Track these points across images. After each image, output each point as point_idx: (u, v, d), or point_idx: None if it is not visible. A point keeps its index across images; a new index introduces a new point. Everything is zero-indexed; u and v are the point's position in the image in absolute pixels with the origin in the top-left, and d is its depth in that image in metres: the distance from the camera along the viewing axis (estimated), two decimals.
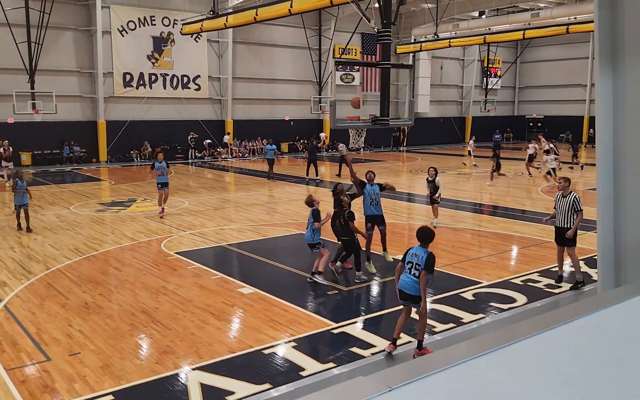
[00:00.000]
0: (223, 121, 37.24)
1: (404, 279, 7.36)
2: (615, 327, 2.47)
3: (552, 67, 50.16)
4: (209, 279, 10.83)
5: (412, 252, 7.38)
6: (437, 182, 14.89)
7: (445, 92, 48.55)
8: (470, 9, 38.29)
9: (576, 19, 32.64)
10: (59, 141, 31.84)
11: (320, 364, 7.21)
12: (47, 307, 9.23)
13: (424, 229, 7.58)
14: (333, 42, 39.54)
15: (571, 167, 28.77)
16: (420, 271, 7.20)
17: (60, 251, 12.90)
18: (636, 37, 3.89)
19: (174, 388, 6.65)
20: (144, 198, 20.59)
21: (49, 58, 30.39)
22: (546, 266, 11.57)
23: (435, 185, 14.90)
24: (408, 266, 7.33)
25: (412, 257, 7.33)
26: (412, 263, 7.30)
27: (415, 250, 7.37)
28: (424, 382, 1.87)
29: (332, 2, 20.91)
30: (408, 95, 17.38)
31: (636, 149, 3.99)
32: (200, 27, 28.44)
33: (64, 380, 6.74)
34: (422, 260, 7.22)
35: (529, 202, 19.70)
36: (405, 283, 7.36)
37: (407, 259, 7.37)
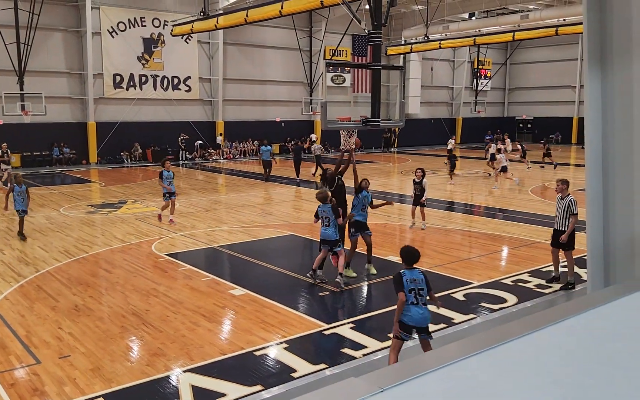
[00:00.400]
0: (214, 122, 37.17)
1: (420, 311, 6.48)
2: (605, 327, 2.48)
3: (541, 69, 50.45)
4: (200, 280, 10.80)
5: (407, 277, 6.54)
6: (423, 184, 14.93)
7: (436, 94, 48.71)
8: (461, 11, 38.46)
9: (565, 21, 32.86)
10: (48, 143, 31.64)
11: (312, 365, 7.21)
12: (37, 310, 9.17)
13: (408, 249, 6.86)
14: (324, 44, 39.57)
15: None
16: (426, 295, 6.56)
17: (50, 253, 12.82)
18: (625, 38, 3.92)
19: (165, 390, 6.62)
20: (135, 200, 20.50)
21: (39, 59, 30.21)
22: (536, 266, 11.64)
23: (422, 187, 14.93)
24: (412, 294, 6.47)
25: (412, 283, 6.51)
26: (415, 289, 6.48)
27: (411, 276, 6.56)
28: (415, 383, 1.88)
29: (323, 4, 20.94)
30: (399, 96, 17.45)
31: (625, 150, 4.02)
32: (191, 29, 28.38)
33: (54, 383, 6.69)
34: (423, 283, 6.56)
35: (520, 203, 19.79)
36: (422, 315, 6.52)
37: (408, 287, 6.47)
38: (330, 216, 10.10)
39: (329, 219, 10.09)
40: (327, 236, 10.20)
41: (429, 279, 6.76)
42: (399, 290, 6.46)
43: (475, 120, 49.81)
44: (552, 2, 35.17)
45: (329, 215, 10.11)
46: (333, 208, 10.17)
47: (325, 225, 10.15)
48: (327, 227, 10.14)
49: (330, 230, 10.14)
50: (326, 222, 10.12)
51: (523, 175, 26.83)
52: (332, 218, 10.08)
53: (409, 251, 6.80)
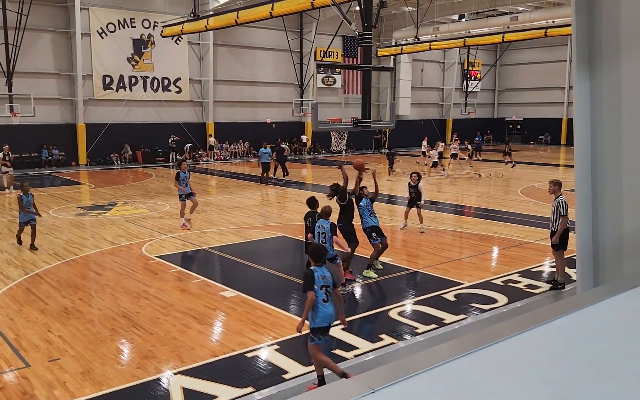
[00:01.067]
0: (204, 124, 37.07)
1: (330, 308, 6.42)
2: (595, 327, 2.50)
3: (530, 70, 50.75)
4: (191, 282, 10.77)
5: (319, 274, 6.42)
6: (419, 188, 15.00)
7: (426, 95, 48.86)
8: (451, 13, 38.60)
9: (554, 23, 33.08)
10: (37, 144, 31.42)
11: (303, 366, 7.20)
12: (26, 313, 9.10)
13: (315, 248, 6.93)
14: (314, 45, 39.58)
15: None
16: (332, 291, 6.49)
17: (39, 256, 12.73)
18: (613, 40, 3.95)
19: (155, 393, 6.59)
20: (125, 201, 20.41)
21: (27, 60, 30.00)
22: (526, 267, 11.70)
23: (418, 191, 15.00)
24: (323, 291, 6.39)
25: (323, 280, 6.42)
26: (325, 286, 6.42)
27: (321, 272, 6.45)
28: (406, 383, 1.88)
29: (313, 5, 20.95)
30: (389, 97, 17.46)
31: (613, 151, 4.05)
32: (181, 30, 28.30)
33: (44, 386, 6.65)
34: (331, 280, 6.50)
35: (510, 203, 19.88)
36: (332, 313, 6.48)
37: (319, 283, 6.37)
38: (327, 232, 9.68)
39: (326, 234, 9.68)
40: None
41: (420, 277, 6.79)
42: (309, 289, 6.34)
43: (465, 122, 49.98)
44: (541, 4, 35.39)
45: (326, 232, 9.68)
46: (332, 226, 9.76)
47: (322, 242, 9.60)
48: (323, 243, 9.54)
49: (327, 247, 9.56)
50: (322, 239, 9.67)
51: (508, 173, 27.08)
52: (328, 234, 9.66)
53: (317, 249, 6.85)
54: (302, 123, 41.00)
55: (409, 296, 10.10)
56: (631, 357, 2.18)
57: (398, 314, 9.09)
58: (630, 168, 3.96)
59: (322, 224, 9.76)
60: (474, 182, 26.08)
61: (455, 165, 30.28)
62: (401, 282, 10.94)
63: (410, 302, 9.76)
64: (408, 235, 14.81)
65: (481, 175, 28.22)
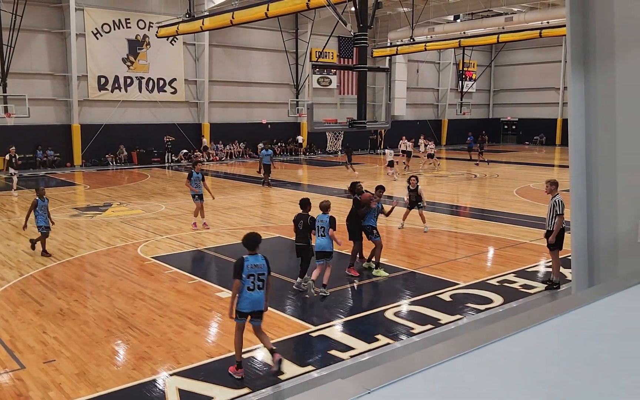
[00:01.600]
0: (200, 124, 37.02)
1: (256, 296, 6.82)
2: (590, 327, 2.51)
3: (525, 71, 50.88)
4: (187, 283, 10.75)
5: (249, 263, 6.81)
6: (419, 191, 15.13)
7: (422, 95, 48.92)
8: (446, 13, 38.67)
9: (549, 24, 33.17)
10: (32, 145, 31.31)
11: (299, 367, 7.20)
12: (21, 314, 9.07)
13: (248, 236, 7.10)
14: (310, 46, 39.58)
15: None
16: (265, 279, 6.88)
17: (34, 257, 12.69)
18: (607, 41, 3.97)
19: (151, 394, 6.58)
20: (120, 202, 20.36)
21: (22, 61, 29.90)
22: (522, 267, 11.72)
23: (417, 194, 15.14)
24: (250, 279, 6.77)
25: (253, 268, 6.80)
26: (255, 275, 6.79)
27: (254, 261, 6.84)
28: (402, 384, 1.89)
29: (309, 6, 20.94)
30: (385, 98, 17.50)
31: (608, 151, 4.07)
32: (176, 30, 28.25)
33: (39, 388, 6.62)
34: (265, 268, 6.86)
35: (505, 204, 19.93)
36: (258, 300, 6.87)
37: (248, 272, 6.77)
38: (325, 226, 9.97)
39: (324, 228, 9.98)
40: (323, 247, 10.00)
41: (416, 278, 6.81)
42: (237, 276, 6.74)
43: (460, 122, 50.08)
44: (536, 5, 35.48)
45: (325, 225, 9.98)
46: (331, 219, 10.02)
47: (321, 235, 9.99)
48: (322, 236, 10.00)
49: (326, 241, 10.00)
50: (322, 233, 9.99)
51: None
52: (327, 228, 9.94)
53: (250, 236, 7.05)
54: (298, 124, 40.99)
55: (405, 296, 10.11)
56: (626, 356, 2.18)
57: (394, 315, 9.11)
58: (625, 168, 3.98)
59: (322, 217, 10.08)
60: (466, 182, 26.11)
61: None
62: (397, 283, 10.95)
63: (406, 302, 9.77)
64: (404, 236, 14.83)
65: (477, 176, 28.27)
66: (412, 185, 15.24)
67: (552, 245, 10.19)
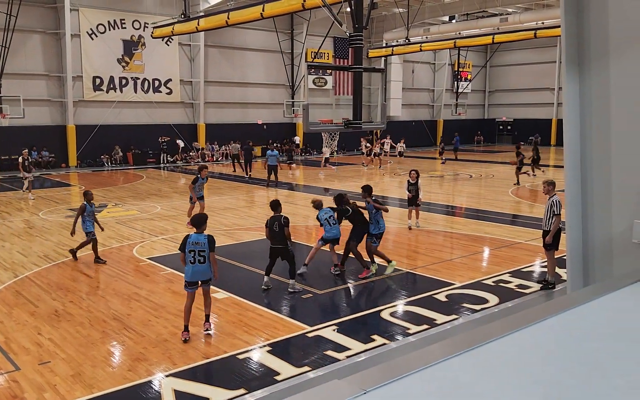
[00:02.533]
0: (195, 125, 36.98)
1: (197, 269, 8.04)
2: (585, 327, 2.52)
3: (520, 71, 51.02)
4: (182, 284, 10.70)
5: (191, 240, 8.05)
6: (419, 185, 15.19)
7: (417, 96, 48.99)
8: (441, 14, 38.72)
9: (543, 24, 33.28)
10: (27, 146, 31.04)
11: (295, 367, 7.20)
12: (16, 316, 9.04)
13: (195, 216, 8.55)
14: (305, 46, 39.58)
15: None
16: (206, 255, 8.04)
17: (29, 258, 12.65)
18: (602, 41, 3.98)
19: (147, 395, 6.57)
20: (115, 203, 20.32)
21: (17, 61, 29.80)
22: (517, 267, 11.75)
23: (417, 188, 15.18)
24: (191, 254, 8.01)
25: (194, 245, 8.02)
26: (195, 251, 8.00)
27: (196, 239, 8.05)
28: (398, 384, 1.89)
29: (304, 6, 20.95)
30: (380, 98, 17.50)
31: (602, 151, 4.08)
32: (172, 31, 28.23)
33: (34, 389, 6.60)
34: (205, 246, 8.02)
35: (500, 204, 19.98)
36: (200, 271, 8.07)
37: (189, 248, 8.03)
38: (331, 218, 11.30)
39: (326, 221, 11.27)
40: (335, 236, 11.24)
41: (412, 278, 6.82)
42: (181, 250, 8.17)
43: (456, 122, 50.17)
44: (531, 6, 35.59)
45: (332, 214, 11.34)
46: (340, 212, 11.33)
47: (332, 225, 11.25)
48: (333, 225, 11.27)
49: (335, 230, 11.27)
50: (333, 222, 11.26)
51: (498, 174, 27.23)
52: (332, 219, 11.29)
53: (195, 217, 8.52)
54: (293, 124, 40.99)
55: (401, 297, 10.12)
56: (620, 356, 2.19)
57: (390, 315, 9.11)
58: (619, 168, 4.00)
59: (326, 211, 11.41)
60: (461, 182, 26.17)
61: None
62: (393, 283, 10.96)
63: (402, 302, 9.78)
64: (399, 236, 14.84)
65: (472, 176, 28.33)
66: (412, 179, 15.31)
67: (548, 245, 10.22)
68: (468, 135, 52.03)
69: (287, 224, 10.02)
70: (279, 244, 10.10)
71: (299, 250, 12.89)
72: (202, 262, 8.00)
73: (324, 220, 11.26)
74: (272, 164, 24.59)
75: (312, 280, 10.91)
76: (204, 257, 8.02)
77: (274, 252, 10.23)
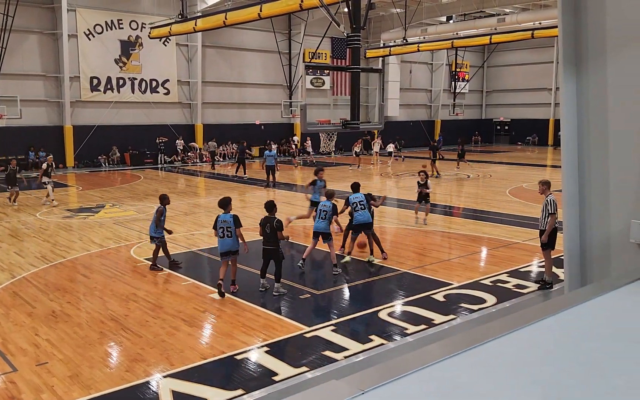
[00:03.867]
0: (193, 125, 36.94)
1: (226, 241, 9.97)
2: (583, 326, 2.52)
3: (518, 71, 51.08)
4: (180, 285, 10.72)
5: (220, 219, 9.94)
6: (428, 185, 16.01)
7: (415, 96, 49.01)
8: (439, 14, 38.75)
9: (541, 24, 33.31)
10: (24, 146, 31.15)
11: (293, 368, 7.20)
12: (13, 317, 9.02)
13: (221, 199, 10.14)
14: (303, 46, 39.58)
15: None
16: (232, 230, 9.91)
17: (26, 259, 12.63)
18: (599, 42, 3.99)
19: (145, 396, 6.56)
20: (113, 204, 20.29)
21: (14, 62, 29.74)
22: (515, 267, 11.76)
23: (427, 187, 15.98)
24: (221, 230, 9.94)
25: (223, 223, 9.92)
26: (224, 227, 9.91)
27: (223, 217, 9.92)
28: (396, 384, 1.89)
29: (302, 7, 20.95)
30: (378, 99, 17.54)
31: (600, 151, 4.09)
32: (169, 31, 28.19)
33: (31, 391, 6.59)
34: (231, 222, 9.87)
35: (498, 204, 19.99)
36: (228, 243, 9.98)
37: (219, 226, 9.95)
38: (328, 211, 11.41)
39: (327, 213, 11.39)
40: (324, 229, 11.40)
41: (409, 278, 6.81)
42: (214, 228, 10.16)
43: (453, 123, 50.22)
44: (528, 6, 35.63)
45: (327, 210, 11.41)
46: (334, 207, 11.52)
47: (322, 219, 11.40)
48: (322, 219, 11.41)
49: (324, 224, 11.39)
50: (323, 216, 11.39)
51: (496, 174, 27.29)
52: (329, 213, 11.41)
53: (221, 200, 10.15)
54: (291, 124, 40.98)
55: (399, 297, 10.12)
56: (619, 356, 2.19)
57: (388, 315, 9.11)
58: (617, 168, 4.00)
59: (326, 203, 11.59)
60: (458, 183, 26.19)
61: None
62: (391, 283, 10.96)
63: (400, 302, 9.78)
64: (397, 237, 14.84)
65: (470, 176, 28.37)
66: (421, 180, 15.97)
67: (544, 245, 10.23)
68: (466, 136, 52.05)
69: (280, 227, 10.01)
70: (270, 245, 10.12)
71: (297, 249, 12.90)
72: (229, 236, 9.87)
73: (318, 209, 11.73)
74: (270, 165, 24.47)
75: (310, 281, 10.91)
76: (230, 232, 9.88)
77: (266, 252, 10.23)
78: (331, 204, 11.53)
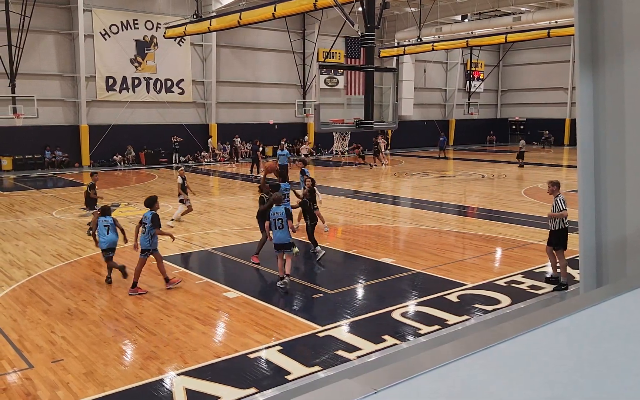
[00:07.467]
0: (207, 125, 37.11)
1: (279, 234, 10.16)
2: (598, 327, 2.50)
3: (533, 70, 50.67)
4: (194, 283, 10.77)
5: (272, 211, 10.19)
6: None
7: (429, 95, 48.82)
8: (453, 13, 38.58)
9: (557, 23, 33.03)
10: (40, 145, 31.49)
11: (306, 367, 7.20)
12: (29, 314, 9.12)
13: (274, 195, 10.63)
14: (317, 46, 39.60)
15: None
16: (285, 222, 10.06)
17: (42, 257, 12.76)
18: (615, 40, 3.95)
19: (158, 394, 6.60)
20: (128, 203, 20.43)
21: (30, 62, 30.08)
22: (529, 267, 11.68)
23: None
24: (273, 222, 10.14)
25: (275, 215, 10.13)
26: (275, 219, 10.10)
27: (276, 210, 10.19)
28: (409, 384, 1.88)
29: (316, 6, 20.95)
30: (392, 98, 17.48)
31: (616, 150, 4.04)
32: (184, 31, 28.33)
33: (47, 387, 6.66)
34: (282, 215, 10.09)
35: (513, 204, 19.85)
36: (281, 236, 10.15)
37: (272, 218, 10.17)
38: (283, 218, 10.18)
39: (282, 220, 10.18)
40: (282, 240, 10.25)
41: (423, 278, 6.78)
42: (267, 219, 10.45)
43: (468, 122, 49.96)
44: (544, 5, 35.35)
45: (282, 217, 10.18)
46: (287, 211, 10.28)
47: (279, 228, 10.23)
48: (280, 229, 10.22)
49: (285, 233, 10.22)
50: (279, 225, 10.21)
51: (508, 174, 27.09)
52: (284, 219, 10.17)
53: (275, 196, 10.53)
54: (305, 124, 41.01)
55: (412, 297, 10.09)
56: (635, 357, 2.17)
57: (401, 315, 9.09)
58: (633, 168, 3.95)
59: (277, 210, 10.26)
60: (473, 182, 26.04)
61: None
62: (404, 283, 10.93)
63: (413, 303, 9.75)
64: (410, 236, 14.80)
65: (484, 176, 28.20)
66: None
67: (557, 246, 10.21)
68: (481, 135, 51.80)
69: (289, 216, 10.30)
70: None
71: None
72: (281, 227, 10.04)
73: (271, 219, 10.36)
74: (282, 164, 24.48)
75: (323, 280, 10.91)
76: (282, 224, 10.06)
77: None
78: (283, 209, 10.27)
